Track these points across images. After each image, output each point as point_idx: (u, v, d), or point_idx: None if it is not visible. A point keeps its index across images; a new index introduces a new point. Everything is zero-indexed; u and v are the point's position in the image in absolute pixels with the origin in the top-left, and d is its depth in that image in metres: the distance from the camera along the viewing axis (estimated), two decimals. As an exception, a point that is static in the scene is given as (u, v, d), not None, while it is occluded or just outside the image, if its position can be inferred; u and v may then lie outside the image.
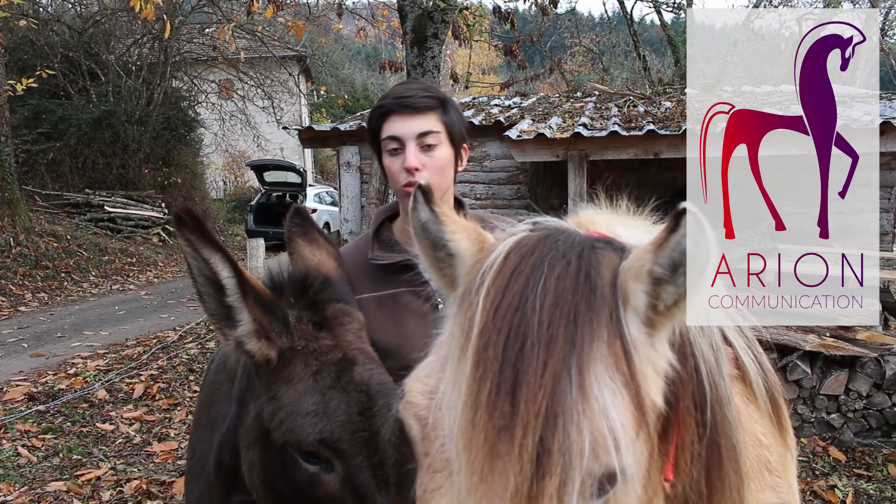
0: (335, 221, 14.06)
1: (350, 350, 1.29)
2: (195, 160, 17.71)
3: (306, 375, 1.22)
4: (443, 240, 0.88)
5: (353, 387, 1.23)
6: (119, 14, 15.03)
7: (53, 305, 9.14)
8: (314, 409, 1.19)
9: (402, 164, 1.49)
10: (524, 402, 0.69)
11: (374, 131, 1.54)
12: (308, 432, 1.17)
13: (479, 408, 0.70)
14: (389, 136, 1.50)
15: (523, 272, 0.77)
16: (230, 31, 8.86)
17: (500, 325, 0.74)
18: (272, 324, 1.22)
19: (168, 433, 4.70)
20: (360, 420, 1.20)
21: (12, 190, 10.73)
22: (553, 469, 0.67)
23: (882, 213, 6.59)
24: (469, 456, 0.70)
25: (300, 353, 1.24)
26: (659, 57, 23.30)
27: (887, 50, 13.89)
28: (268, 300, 1.24)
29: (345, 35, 20.73)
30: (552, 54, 18.77)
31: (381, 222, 1.64)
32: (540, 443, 0.67)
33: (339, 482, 1.19)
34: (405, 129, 1.49)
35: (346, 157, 7.95)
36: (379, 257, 1.57)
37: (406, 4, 6.37)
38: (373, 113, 1.55)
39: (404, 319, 1.56)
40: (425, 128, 1.50)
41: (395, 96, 1.51)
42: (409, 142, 1.49)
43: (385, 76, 30.69)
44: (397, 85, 1.61)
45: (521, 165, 7.30)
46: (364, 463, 1.19)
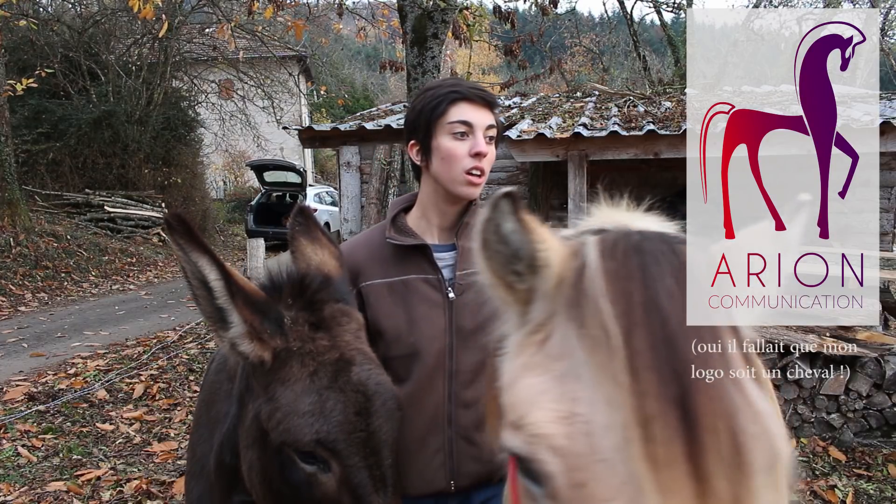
0: (335, 221, 14.06)
1: (348, 350, 1.29)
2: (195, 160, 17.71)
3: (303, 376, 1.23)
4: (530, 251, 0.81)
5: (351, 387, 1.23)
6: (119, 14, 15.03)
7: (53, 305, 9.14)
8: (311, 410, 1.19)
9: (469, 148, 1.53)
10: (699, 406, 0.66)
11: (440, 114, 1.55)
12: (305, 432, 1.18)
13: (652, 420, 0.66)
14: (461, 121, 1.54)
15: (636, 275, 0.74)
16: (229, 31, 8.86)
17: (642, 331, 0.70)
18: (264, 325, 1.23)
19: (168, 433, 4.70)
20: (357, 420, 1.21)
21: (12, 190, 10.73)
22: (752, 466, 0.66)
23: (882, 213, 6.59)
24: (654, 472, 0.66)
25: (296, 353, 1.25)
26: (659, 57, 23.30)
27: (887, 50, 13.89)
28: (259, 301, 1.24)
29: (345, 35, 20.74)
30: (552, 54, 18.78)
31: (397, 212, 1.67)
32: (732, 443, 0.65)
33: (336, 482, 1.19)
34: (478, 118, 1.55)
35: (346, 157, 7.95)
36: (396, 238, 1.60)
37: (406, 4, 6.37)
38: (441, 97, 1.56)
39: (414, 306, 1.58)
40: (492, 121, 1.57)
41: (469, 86, 1.57)
42: (478, 130, 1.54)
43: (385, 76, 30.72)
44: (449, 78, 1.68)
45: (521, 165, 7.30)
46: (361, 463, 1.19)
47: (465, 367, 1.59)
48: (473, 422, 1.59)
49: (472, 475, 1.61)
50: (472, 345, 1.58)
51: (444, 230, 1.65)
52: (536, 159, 6.40)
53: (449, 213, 1.62)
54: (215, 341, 1.27)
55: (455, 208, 1.62)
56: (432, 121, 1.56)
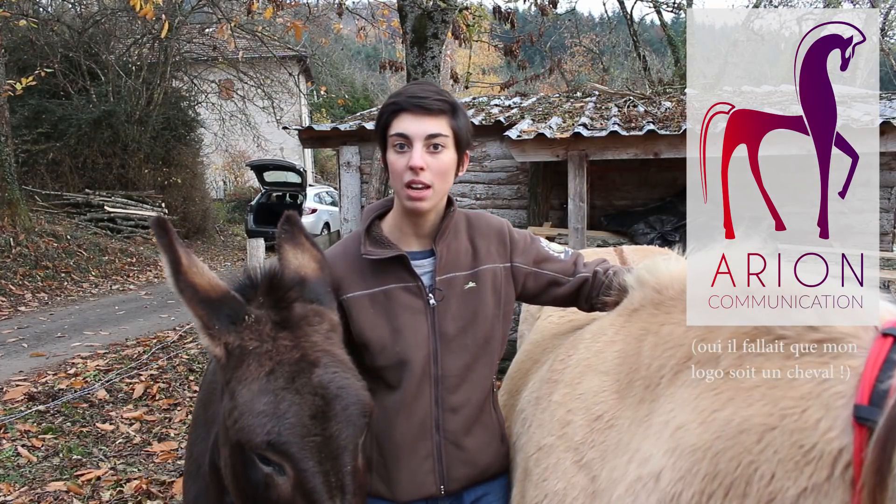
0: (335, 221, 14.05)
1: (313, 351, 1.27)
2: (195, 160, 17.70)
3: (260, 375, 1.22)
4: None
5: (309, 389, 1.21)
6: (119, 14, 15.03)
7: (53, 305, 9.14)
8: (265, 410, 1.18)
9: (407, 162, 1.50)
10: None
11: (384, 126, 1.55)
12: (257, 433, 1.17)
13: None
14: (398, 133, 1.52)
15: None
16: (229, 30, 8.86)
17: None
18: (211, 321, 1.25)
19: (168, 433, 4.70)
20: (312, 424, 1.18)
21: (12, 190, 10.73)
22: None
23: (882, 213, 6.58)
24: None
25: (253, 352, 1.25)
26: (659, 57, 23.29)
27: (887, 50, 13.88)
28: (208, 297, 1.26)
29: (345, 35, 20.72)
30: (552, 54, 18.77)
31: (371, 220, 1.65)
32: None
33: (290, 486, 1.18)
34: (415, 129, 1.51)
35: (346, 157, 7.95)
36: (371, 252, 1.58)
37: (406, 4, 6.37)
38: (384, 108, 1.56)
39: (396, 315, 1.57)
40: (434, 130, 1.51)
41: (410, 95, 1.53)
42: (416, 141, 1.50)
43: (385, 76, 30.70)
44: (411, 84, 1.62)
45: (521, 165, 7.30)
46: (315, 468, 1.17)
47: (450, 372, 1.59)
48: (461, 426, 1.60)
49: (462, 479, 1.62)
50: (455, 348, 1.59)
51: (422, 237, 1.63)
52: (536, 159, 6.40)
53: (418, 221, 1.59)
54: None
55: (419, 217, 1.58)
56: (381, 134, 1.57)
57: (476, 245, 1.66)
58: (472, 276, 1.62)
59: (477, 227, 1.68)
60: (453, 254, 1.62)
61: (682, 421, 1.06)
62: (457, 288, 1.60)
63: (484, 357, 1.63)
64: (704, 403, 1.04)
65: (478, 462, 1.63)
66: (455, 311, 1.59)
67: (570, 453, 1.30)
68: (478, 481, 1.64)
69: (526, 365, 1.82)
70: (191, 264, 1.26)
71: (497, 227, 1.70)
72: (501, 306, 1.65)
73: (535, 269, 1.69)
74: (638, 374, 1.26)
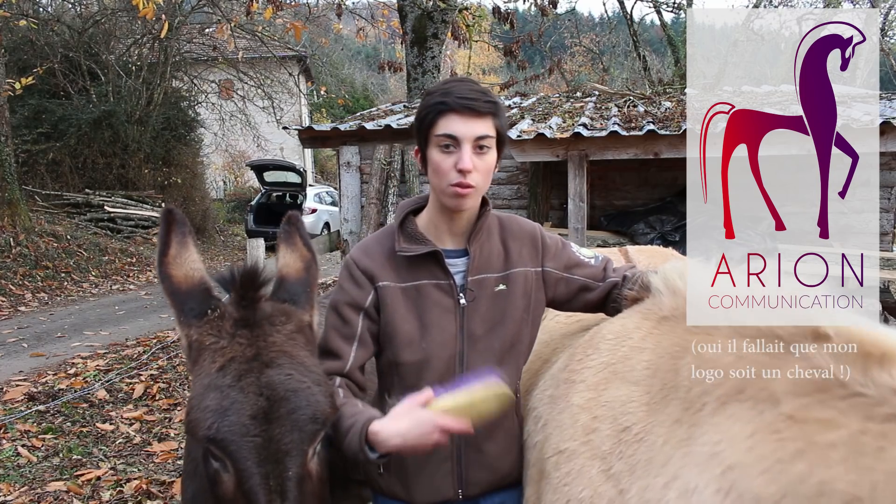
0: (335, 221, 14.04)
1: (269, 351, 1.27)
2: (195, 160, 17.69)
3: (211, 371, 1.23)
4: None
5: (254, 389, 1.21)
6: (119, 14, 15.03)
7: (53, 305, 9.14)
8: (209, 406, 1.19)
9: (454, 163, 1.49)
10: None
11: (429, 125, 1.53)
12: (201, 427, 1.18)
13: None
14: (446, 134, 1.50)
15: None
16: (229, 30, 8.86)
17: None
18: (181, 312, 1.32)
19: (168, 433, 4.70)
20: (252, 424, 1.18)
21: (12, 190, 10.72)
22: None
23: (882, 213, 6.59)
24: None
25: (209, 347, 1.27)
26: (659, 57, 23.31)
27: (887, 50, 13.89)
28: (179, 289, 1.32)
29: (345, 35, 20.74)
30: (552, 54, 18.78)
31: (405, 215, 1.64)
32: None
33: (233, 484, 1.18)
34: (465, 130, 1.49)
35: (346, 157, 7.95)
36: (406, 249, 1.58)
37: (406, 4, 6.38)
38: (430, 107, 1.53)
39: (426, 311, 1.57)
40: (483, 132, 1.50)
41: (459, 96, 1.50)
42: (465, 143, 1.49)
43: (385, 76, 30.71)
44: (454, 82, 1.58)
45: (521, 165, 7.31)
46: (254, 469, 1.16)
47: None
48: (483, 430, 1.55)
49: (481, 483, 1.60)
50: (481, 350, 1.58)
51: (456, 235, 1.62)
52: (536, 159, 6.40)
53: (455, 218, 1.60)
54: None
55: (457, 215, 1.59)
56: (423, 131, 1.55)
57: (508, 247, 1.65)
58: (504, 278, 1.61)
59: (509, 230, 1.68)
60: (486, 255, 1.62)
61: (736, 461, 0.99)
62: (487, 289, 1.60)
63: (510, 360, 1.61)
64: (766, 448, 0.97)
65: (498, 467, 1.61)
66: (484, 312, 1.58)
67: (598, 462, 1.26)
68: (497, 487, 1.62)
69: (535, 365, 1.81)
70: (176, 255, 1.30)
71: (529, 230, 1.70)
72: (531, 311, 1.64)
73: (566, 274, 1.68)
74: (676, 393, 1.21)
